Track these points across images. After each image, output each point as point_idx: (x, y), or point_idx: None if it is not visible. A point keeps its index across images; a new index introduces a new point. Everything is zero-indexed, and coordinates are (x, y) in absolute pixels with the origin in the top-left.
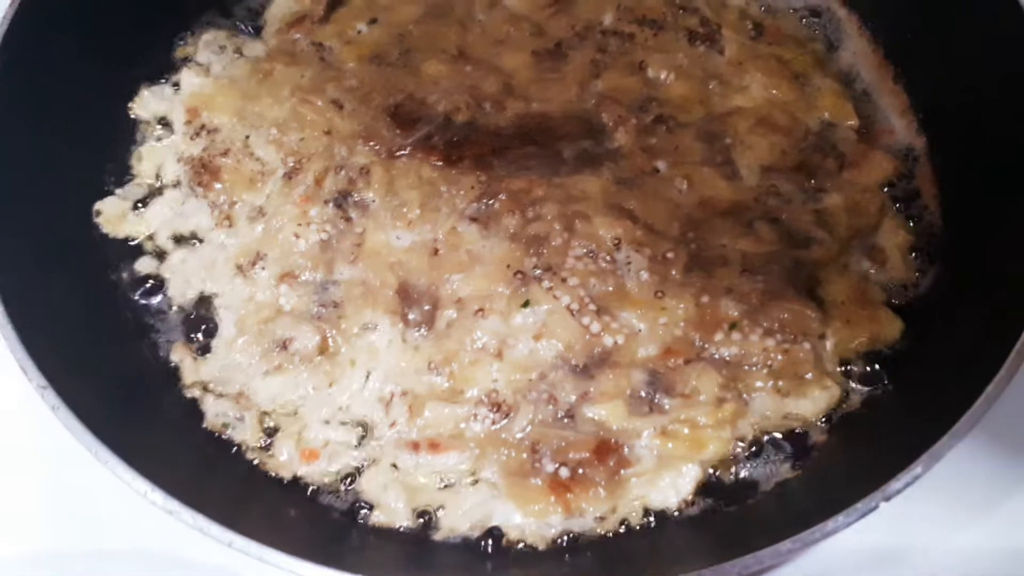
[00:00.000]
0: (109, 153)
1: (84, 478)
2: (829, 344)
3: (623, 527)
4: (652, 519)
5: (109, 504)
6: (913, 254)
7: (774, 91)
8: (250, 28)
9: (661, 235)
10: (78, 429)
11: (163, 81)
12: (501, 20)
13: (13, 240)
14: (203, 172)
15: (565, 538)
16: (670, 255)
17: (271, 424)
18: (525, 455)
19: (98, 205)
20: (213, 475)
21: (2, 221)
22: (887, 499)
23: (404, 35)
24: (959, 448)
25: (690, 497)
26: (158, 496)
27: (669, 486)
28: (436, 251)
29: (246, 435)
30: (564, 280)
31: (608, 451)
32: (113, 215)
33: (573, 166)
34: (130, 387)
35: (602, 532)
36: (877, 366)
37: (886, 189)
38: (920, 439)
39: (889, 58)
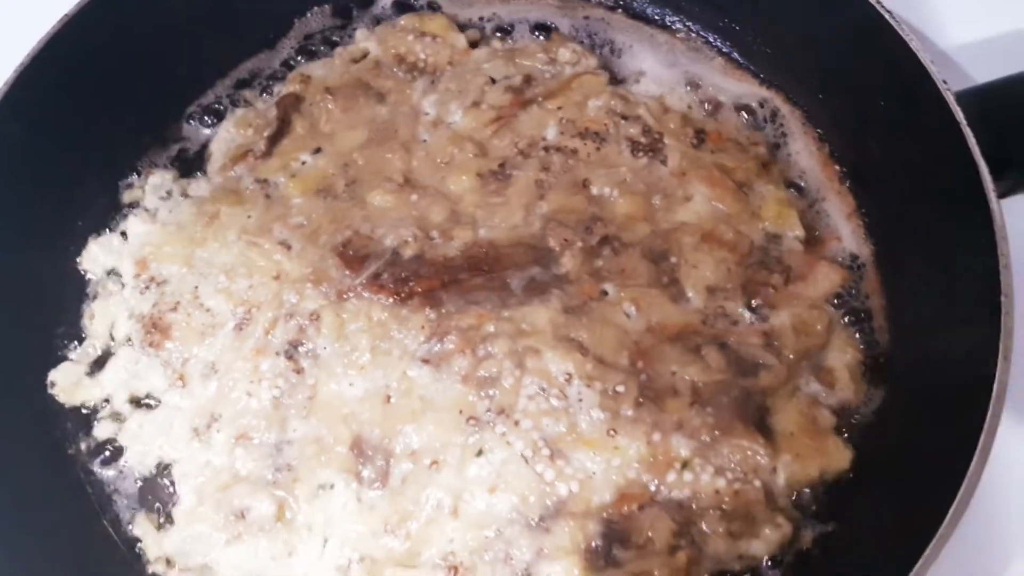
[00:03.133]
0: (60, 315)
1: None
2: (780, 479)
3: None
4: None
5: None
6: (863, 373)
7: (718, 203)
8: (195, 168)
9: (611, 366)
10: None
11: (110, 231)
12: (445, 141)
13: None
14: (154, 331)
15: None
16: (620, 388)
17: None
18: None
19: (52, 375)
20: None
21: None
22: None
23: (349, 164)
24: None
25: None
26: None
27: None
28: (388, 398)
29: None
30: (517, 423)
31: None
32: (68, 383)
33: (522, 296)
34: (95, 573)
35: None
36: (828, 499)
37: (834, 303)
38: None
39: (834, 157)
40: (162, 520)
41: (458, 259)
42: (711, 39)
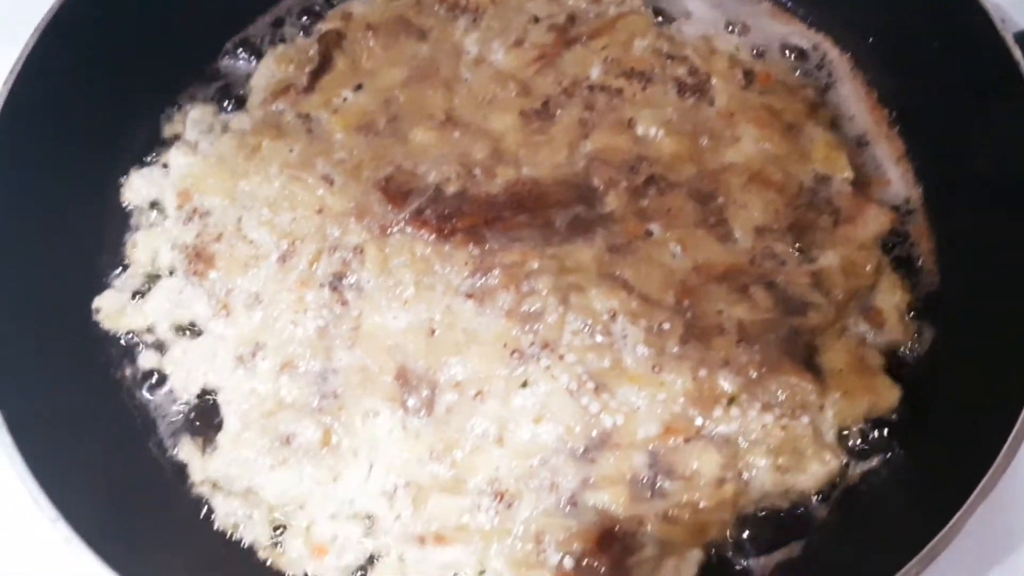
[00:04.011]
0: (103, 244)
1: None
2: (828, 416)
3: None
4: None
5: None
6: (911, 314)
7: (766, 144)
8: (235, 102)
9: (656, 304)
10: (94, 562)
11: (152, 163)
12: (487, 79)
13: (14, 352)
14: (198, 260)
15: None
16: (666, 326)
17: (280, 520)
18: (530, 545)
19: (97, 301)
20: None
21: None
22: None
23: (390, 100)
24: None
25: None
26: None
27: (672, 572)
28: (432, 331)
29: (256, 533)
30: (562, 357)
31: (611, 540)
32: (112, 310)
33: (566, 234)
34: (141, 495)
35: None
36: (876, 436)
37: (882, 246)
38: (923, 522)
39: (883, 102)
40: (206, 445)
41: (501, 196)
42: None
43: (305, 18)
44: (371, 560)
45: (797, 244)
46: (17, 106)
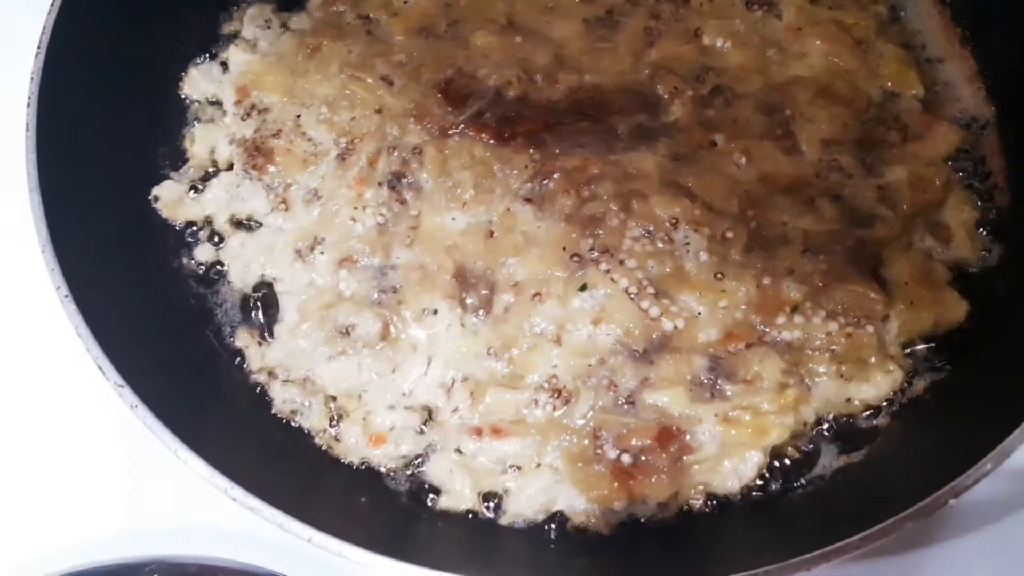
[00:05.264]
0: (162, 136)
1: (162, 466)
2: (892, 327)
3: (685, 513)
4: (715, 504)
5: (189, 488)
6: (980, 231)
7: (835, 59)
8: (294, 2)
9: (720, 213)
10: (157, 427)
11: (211, 59)
12: None
13: (75, 234)
14: (256, 155)
15: (629, 523)
16: (729, 234)
17: (337, 409)
18: (587, 441)
19: (155, 190)
20: (285, 462)
21: (63, 216)
22: (956, 496)
23: (451, 4)
24: None
25: (753, 483)
26: (238, 492)
27: (731, 472)
28: (491, 233)
29: (313, 421)
30: (622, 262)
31: (670, 438)
32: (170, 200)
33: (628, 142)
34: (199, 376)
35: (665, 517)
36: (942, 349)
37: (951, 163)
38: (989, 429)
39: (956, 20)
40: (263, 335)
41: (562, 103)
42: None
43: None
44: (428, 451)
45: (864, 159)
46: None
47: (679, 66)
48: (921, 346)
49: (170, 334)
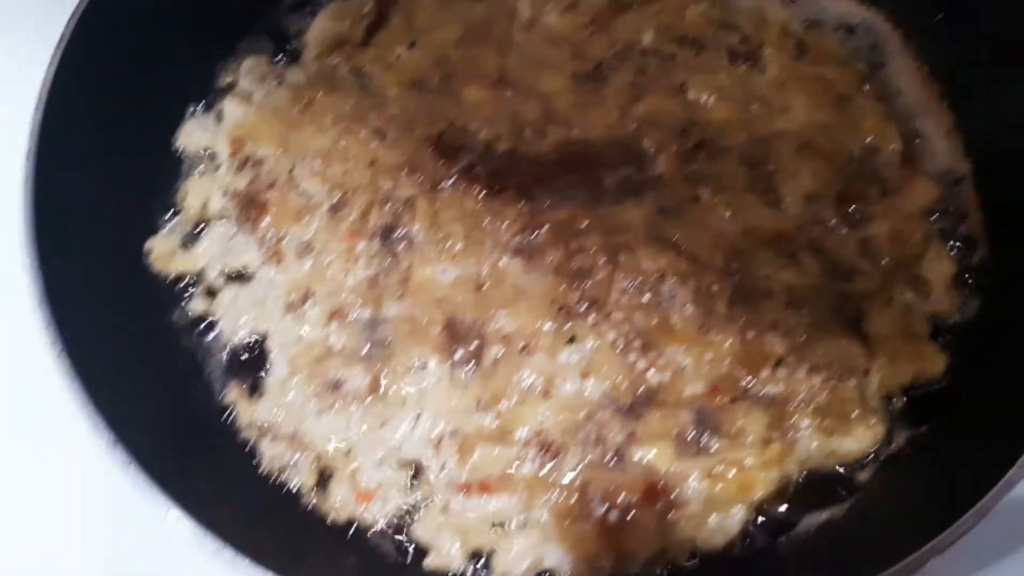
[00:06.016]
0: (157, 189)
1: (151, 523)
2: (874, 380)
3: (672, 569)
4: (700, 560)
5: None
6: (958, 284)
7: (817, 113)
8: (290, 56)
9: (705, 266)
10: (148, 486)
11: (206, 111)
12: (540, 41)
13: (70, 290)
14: (250, 207)
15: None
16: (715, 288)
17: (326, 465)
18: (575, 497)
19: (149, 244)
20: (274, 520)
21: (57, 271)
22: (940, 553)
23: (444, 59)
24: None
25: (738, 538)
26: (228, 553)
27: (717, 528)
28: (481, 286)
29: (302, 477)
30: (609, 315)
31: (657, 494)
32: (163, 253)
33: (615, 195)
34: (190, 433)
35: (652, 574)
36: (921, 403)
37: (930, 216)
38: (969, 485)
39: (934, 76)
40: (254, 389)
41: (551, 156)
42: None
43: None
44: (416, 507)
45: (845, 212)
46: (77, 51)
47: (665, 120)
48: (901, 400)
49: (162, 389)
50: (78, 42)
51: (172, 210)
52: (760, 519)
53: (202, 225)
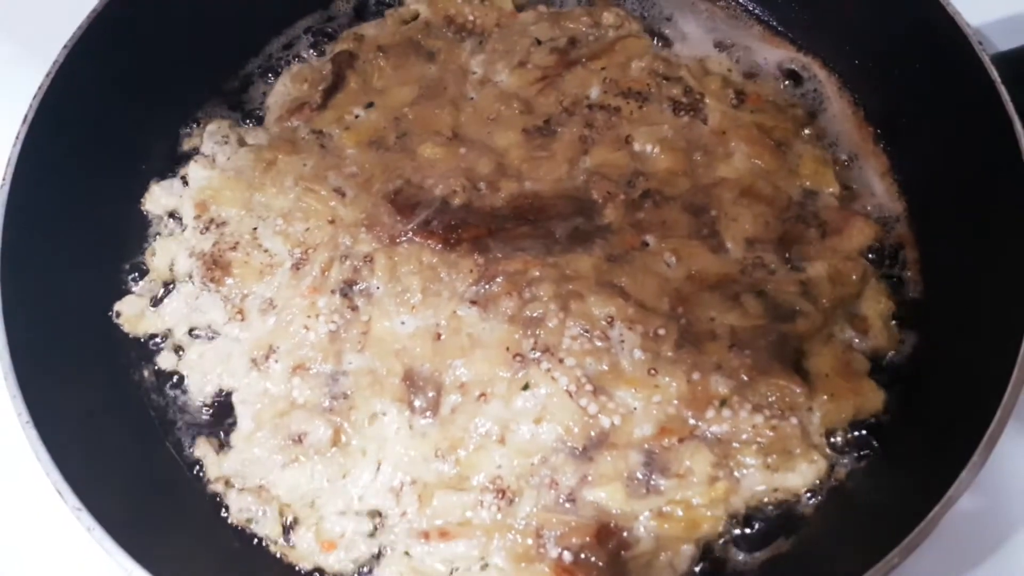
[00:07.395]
0: (124, 251)
1: None
2: (815, 417)
3: None
4: None
5: None
6: (895, 321)
7: (757, 160)
8: (252, 119)
9: (652, 311)
10: (113, 549)
11: (172, 175)
12: (492, 98)
13: (38, 358)
14: (214, 267)
15: None
16: (661, 331)
17: (291, 516)
18: (530, 540)
19: (117, 306)
20: (241, 570)
21: (25, 336)
22: None
23: (400, 118)
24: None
25: None
26: None
27: (667, 566)
28: (439, 336)
29: (268, 529)
30: (561, 361)
31: (609, 534)
32: (132, 314)
33: (566, 244)
34: (159, 490)
35: None
36: (861, 438)
37: (868, 256)
38: (898, 521)
39: (869, 120)
40: (221, 444)
41: (504, 209)
42: (750, 7)
43: (319, 39)
44: (378, 554)
45: (786, 255)
46: (45, 119)
47: (612, 171)
48: (842, 436)
49: (130, 448)
50: (47, 110)
51: (141, 272)
52: (709, 556)
53: (169, 285)
